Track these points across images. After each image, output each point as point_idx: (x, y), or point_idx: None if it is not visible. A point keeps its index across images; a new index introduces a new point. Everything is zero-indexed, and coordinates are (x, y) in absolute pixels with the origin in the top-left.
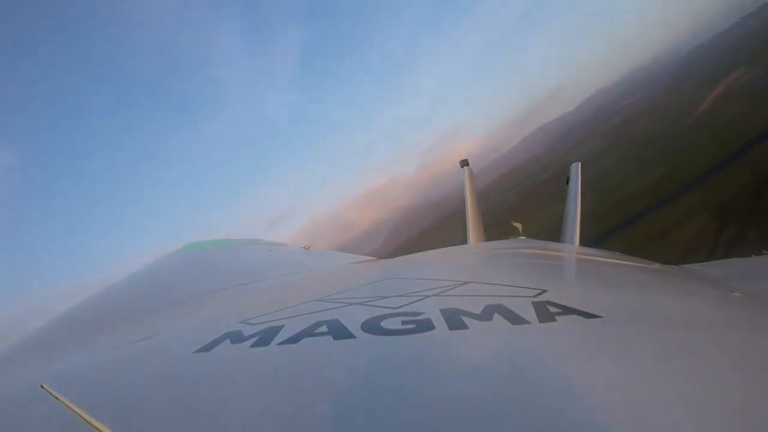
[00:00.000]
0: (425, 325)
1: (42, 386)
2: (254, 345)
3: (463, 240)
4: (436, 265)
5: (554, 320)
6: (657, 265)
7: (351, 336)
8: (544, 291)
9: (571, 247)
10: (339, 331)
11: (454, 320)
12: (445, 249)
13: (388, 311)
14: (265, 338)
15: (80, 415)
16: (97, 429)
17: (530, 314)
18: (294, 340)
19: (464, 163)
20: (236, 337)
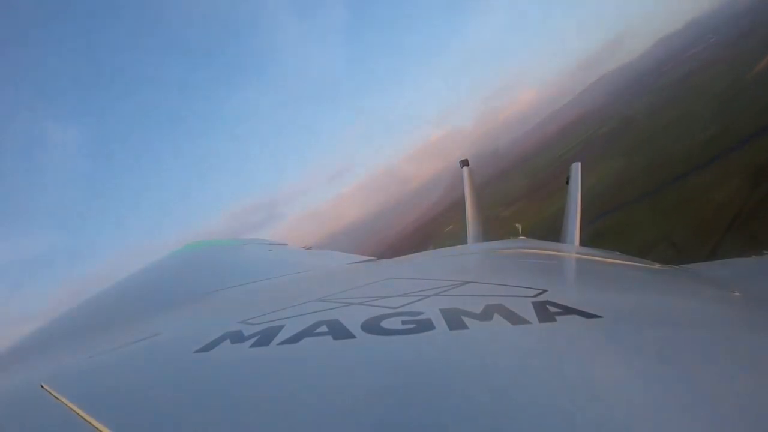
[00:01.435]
0: (425, 325)
1: (42, 386)
2: (254, 345)
3: (466, 236)
4: (436, 265)
5: (554, 320)
6: (657, 265)
7: (351, 336)
8: (544, 291)
9: (571, 247)
10: (339, 331)
11: (454, 320)
12: (445, 249)
13: (388, 311)
14: (265, 338)
15: (80, 415)
16: (97, 429)
17: (530, 314)
18: (294, 340)
19: (464, 163)
20: (236, 337)
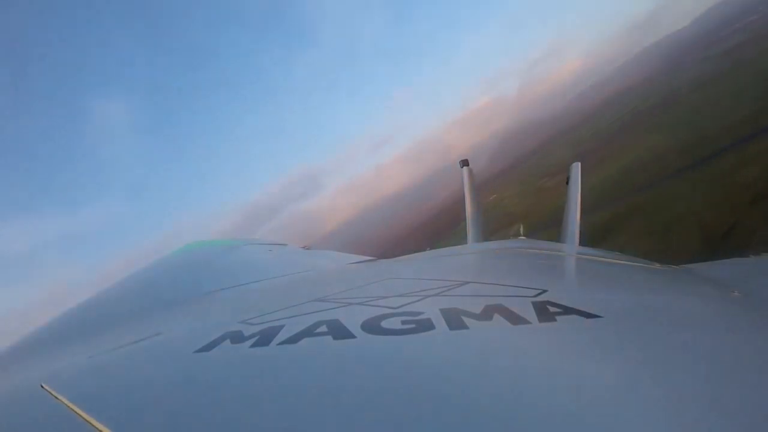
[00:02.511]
0: (425, 325)
1: (42, 386)
2: (254, 345)
3: (464, 237)
4: (436, 265)
5: (554, 320)
6: (657, 265)
7: (351, 336)
8: (544, 291)
9: (571, 247)
10: (339, 331)
11: (454, 320)
12: (445, 249)
13: (388, 311)
14: (265, 338)
15: (80, 415)
16: (97, 429)
17: (530, 314)
18: (294, 340)
19: (464, 163)
20: (236, 337)
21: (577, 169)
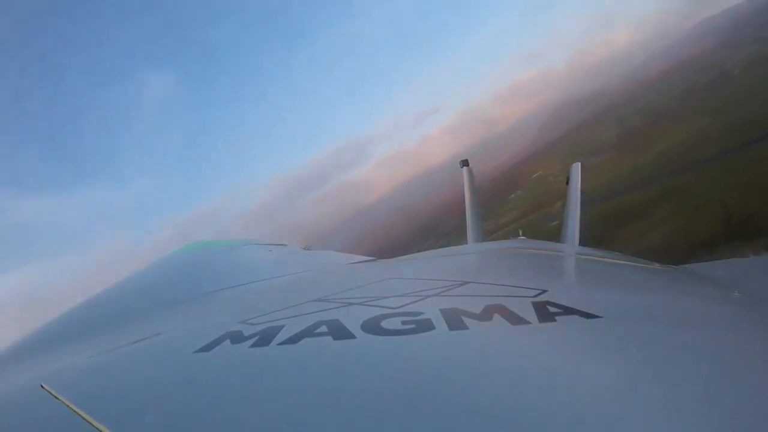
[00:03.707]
0: (425, 326)
1: (42, 386)
2: (254, 345)
3: (464, 235)
4: (436, 265)
5: (554, 320)
6: (657, 265)
7: (351, 336)
8: (544, 291)
9: (571, 247)
10: (339, 331)
11: (454, 320)
12: (444, 249)
13: (388, 311)
14: (265, 338)
15: (80, 415)
16: (97, 429)
17: (530, 314)
18: (294, 340)
19: (464, 163)
20: (236, 337)
21: (577, 169)
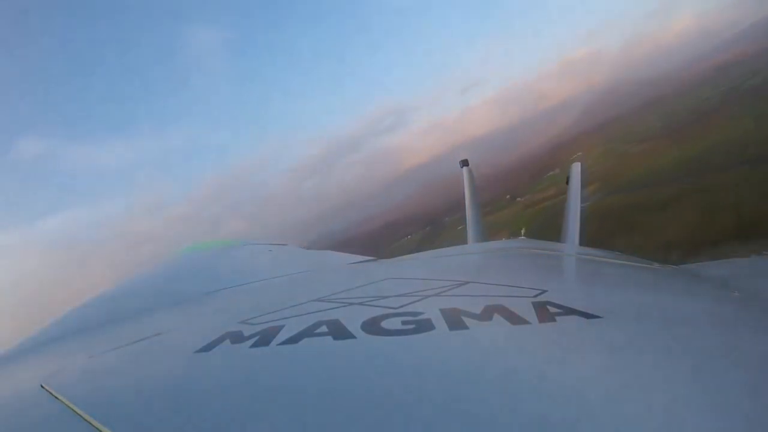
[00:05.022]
0: (425, 326)
1: (42, 386)
2: (254, 345)
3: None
4: (436, 265)
5: (554, 320)
6: (657, 265)
7: (351, 336)
8: (544, 291)
9: (571, 248)
10: (339, 331)
11: (454, 320)
12: (444, 249)
13: (388, 311)
14: (265, 338)
15: (80, 415)
16: (97, 429)
17: (530, 314)
18: (294, 340)
19: (464, 163)
20: (236, 337)
21: (577, 169)
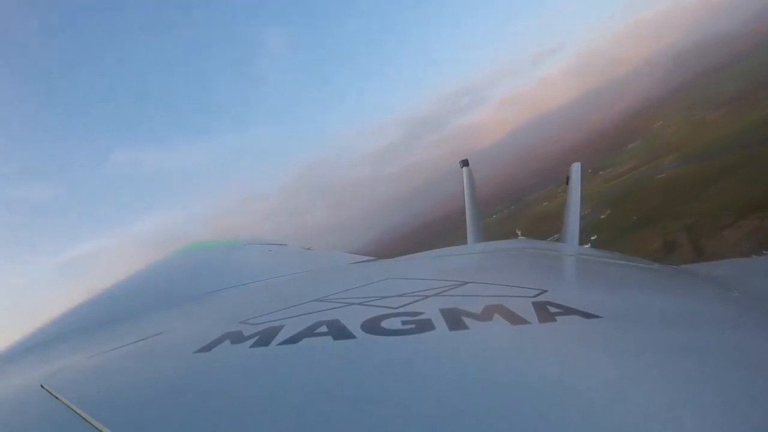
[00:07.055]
0: (425, 326)
1: (42, 386)
2: (254, 345)
3: (463, 237)
4: (436, 265)
5: (554, 320)
6: (657, 266)
7: (351, 336)
8: (544, 291)
9: (571, 248)
10: (339, 332)
11: (455, 320)
12: (445, 249)
13: (388, 311)
14: (265, 338)
15: (80, 415)
16: (97, 429)
17: (530, 314)
18: (294, 340)
19: (464, 163)
20: (236, 337)
21: (577, 169)
